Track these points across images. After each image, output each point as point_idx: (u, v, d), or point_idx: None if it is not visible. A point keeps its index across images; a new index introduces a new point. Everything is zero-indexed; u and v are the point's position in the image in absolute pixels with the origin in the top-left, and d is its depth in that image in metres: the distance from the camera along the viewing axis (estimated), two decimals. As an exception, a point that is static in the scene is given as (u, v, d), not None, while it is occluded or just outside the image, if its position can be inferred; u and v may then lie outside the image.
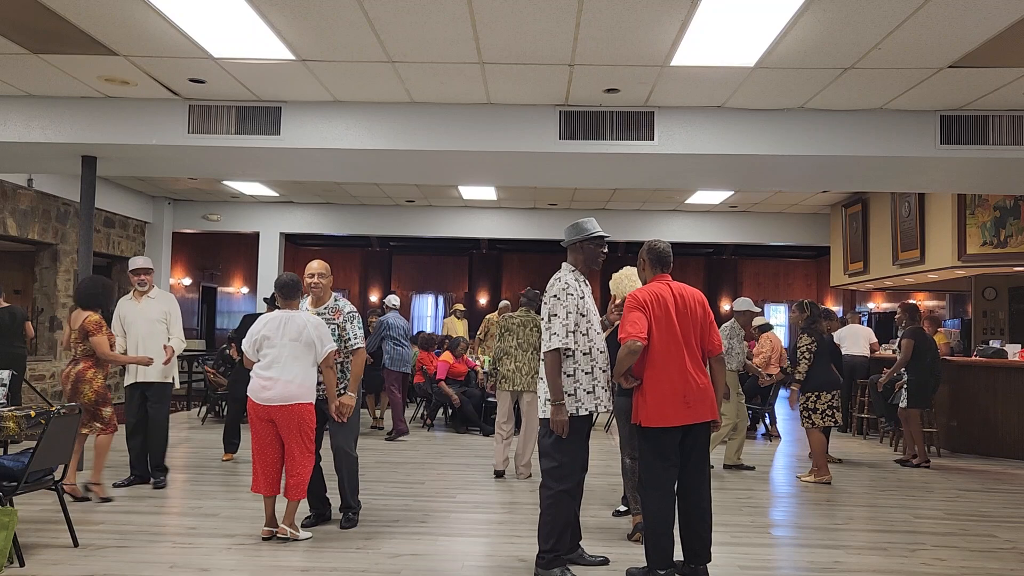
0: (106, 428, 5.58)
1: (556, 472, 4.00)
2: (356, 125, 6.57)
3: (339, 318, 4.98)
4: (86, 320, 5.46)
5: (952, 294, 14.26)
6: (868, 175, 7.17)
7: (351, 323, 4.98)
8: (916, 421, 7.76)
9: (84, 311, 5.54)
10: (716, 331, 4.13)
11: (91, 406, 5.48)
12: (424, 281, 18.97)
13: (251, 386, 4.68)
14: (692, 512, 3.99)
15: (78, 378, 5.47)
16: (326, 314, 4.98)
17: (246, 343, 4.76)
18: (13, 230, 9.39)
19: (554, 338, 3.97)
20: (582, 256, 4.21)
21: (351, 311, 5.03)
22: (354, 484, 5.10)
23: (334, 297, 5.09)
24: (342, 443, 5.00)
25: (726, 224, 12.81)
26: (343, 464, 5.02)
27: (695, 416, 3.93)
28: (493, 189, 11.18)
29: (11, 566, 4.07)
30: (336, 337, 4.92)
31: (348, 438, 5.03)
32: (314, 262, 5.08)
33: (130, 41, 5.28)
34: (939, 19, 4.62)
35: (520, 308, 6.89)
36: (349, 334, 4.95)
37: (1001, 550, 4.89)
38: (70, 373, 5.50)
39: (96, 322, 5.46)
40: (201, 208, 12.98)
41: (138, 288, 6.07)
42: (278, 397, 4.58)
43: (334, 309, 5.00)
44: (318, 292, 5.04)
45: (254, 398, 4.65)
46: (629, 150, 6.48)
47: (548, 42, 5.12)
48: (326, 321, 4.94)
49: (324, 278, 5.02)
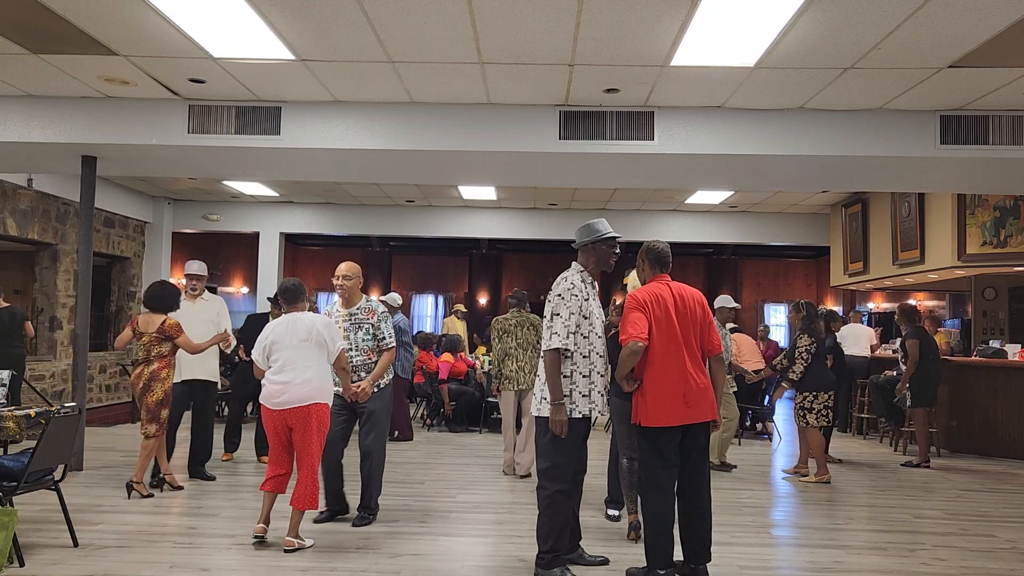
0: (160, 429, 5.80)
1: (551, 472, 4.01)
2: (356, 125, 6.57)
3: (373, 318, 5.08)
4: (166, 323, 5.75)
5: (952, 294, 14.26)
6: (868, 175, 7.17)
7: (385, 323, 5.11)
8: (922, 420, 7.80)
9: (155, 314, 5.81)
10: (715, 331, 4.15)
11: (155, 405, 5.72)
12: (424, 281, 18.96)
13: (264, 393, 4.60)
14: (692, 512, 4.00)
15: (152, 377, 5.72)
16: (359, 314, 5.09)
17: (256, 352, 4.69)
18: (13, 230, 9.39)
19: (555, 337, 3.97)
20: (594, 257, 4.21)
21: (384, 312, 5.16)
22: (378, 485, 5.17)
23: (365, 298, 5.19)
24: (373, 446, 5.07)
25: (726, 224, 12.81)
26: (373, 466, 5.08)
27: (695, 416, 3.94)
28: (493, 189, 11.18)
29: (11, 566, 4.07)
30: (370, 336, 5.04)
31: (379, 440, 5.10)
32: (342, 264, 5.19)
33: (130, 41, 5.28)
34: (939, 19, 4.62)
35: (511, 310, 7.02)
36: (384, 333, 5.07)
37: (1001, 550, 4.89)
38: (143, 372, 5.75)
39: (176, 324, 5.78)
40: (201, 208, 12.98)
41: (190, 292, 6.47)
42: (294, 399, 4.51)
43: (368, 309, 5.12)
44: (345, 293, 5.13)
45: (269, 405, 4.56)
46: (629, 150, 6.48)
47: (548, 42, 5.12)
48: (360, 321, 5.07)
49: (350, 279, 5.11)
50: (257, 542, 4.56)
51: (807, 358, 6.79)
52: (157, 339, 5.74)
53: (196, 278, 6.55)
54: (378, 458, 5.10)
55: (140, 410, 5.78)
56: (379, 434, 5.10)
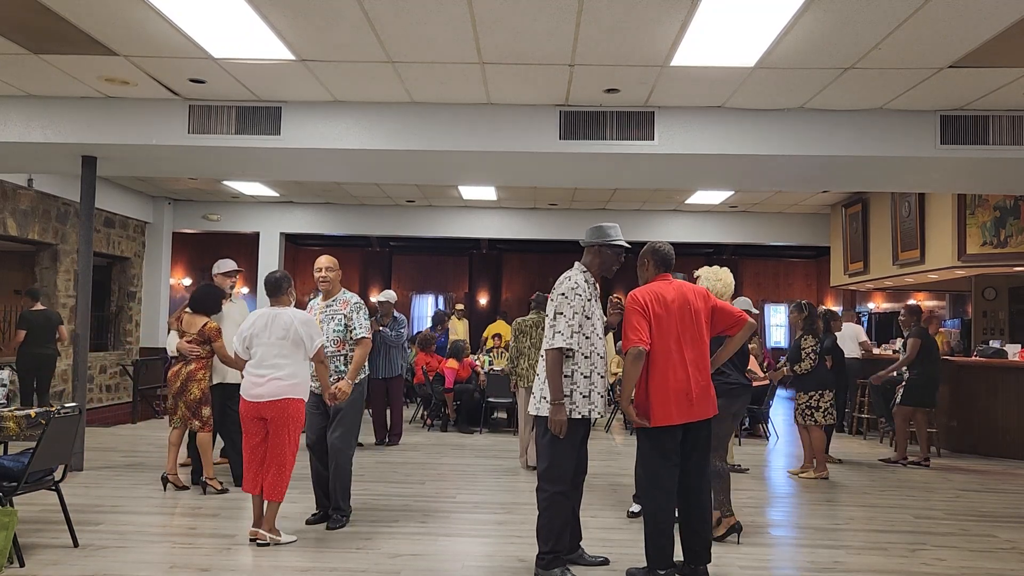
0: (204, 427, 5.89)
1: (549, 473, 4.01)
2: (356, 125, 6.57)
3: (346, 308, 5.07)
4: (207, 327, 5.86)
5: (952, 294, 14.26)
6: (868, 175, 7.17)
7: (357, 313, 5.05)
8: (921, 421, 7.87)
9: (198, 315, 5.90)
10: (727, 310, 4.14)
11: (194, 404, 5.84)
12: (424, 281, 18.96)
13: (243, 384, 4.69)
14: (692, 512, 4.00)
15: (189, 377, 5.83)
16: (334, 305, 5.10)
17: (237, 341, 4.76)
18: (13, 230, 9.39)
19: (558, 336, 3.96)
20: (598, 260, 4.21)
21: (357, 302, 5.12)
22: (345, 485, 5.03)
23: (343, 291, 5.21)
24: (339, 442, 4.97)
25: (726, 224, 12.80)
26: (337, 463, 4.97)
27: (697, 413, 3.95)
28: (493, 189, 11.18)
29: (11, 566, 4.07)
30: (342, 327, 5.02)
31: (346, 437, 5.02)
32: (322, 257, 5.19)
33: (130, 41, 5.28)
34: (939, 19, 4.61)
35: (531, 312, 7.40)
36: (355, 323, 5.03)
37: (1001, 550, 4.89)
38: (180, 371, 5.86)
39: (216, 329, 5.87)
40: (201, 208, 12.98)
41: (228, 291, 6.38)
42: (268, 393, 4.57)
43: (342, 301, 5.12)
44: (326, 287, 5.15)
45: (246, 396, 4.64)
46: (629, 150, 6.48)
47: (548, 42, 5.11)
48: (333, 313, 5.06)
49: (331, 271, 5.16)
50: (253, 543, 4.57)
51: (815, 357, 6.93)
52: (197, 341, 5.84)
53: (234, 274, 6.45)
54: (344, 457, 4.99)
55: (176, 407, 5.87)
56: (345, 432, 5.00)
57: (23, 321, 8.90)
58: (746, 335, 4.24)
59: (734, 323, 4.15)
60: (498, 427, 9.89)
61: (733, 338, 4.24)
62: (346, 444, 5.01)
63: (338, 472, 4.99)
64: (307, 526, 5.03)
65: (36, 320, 8.91)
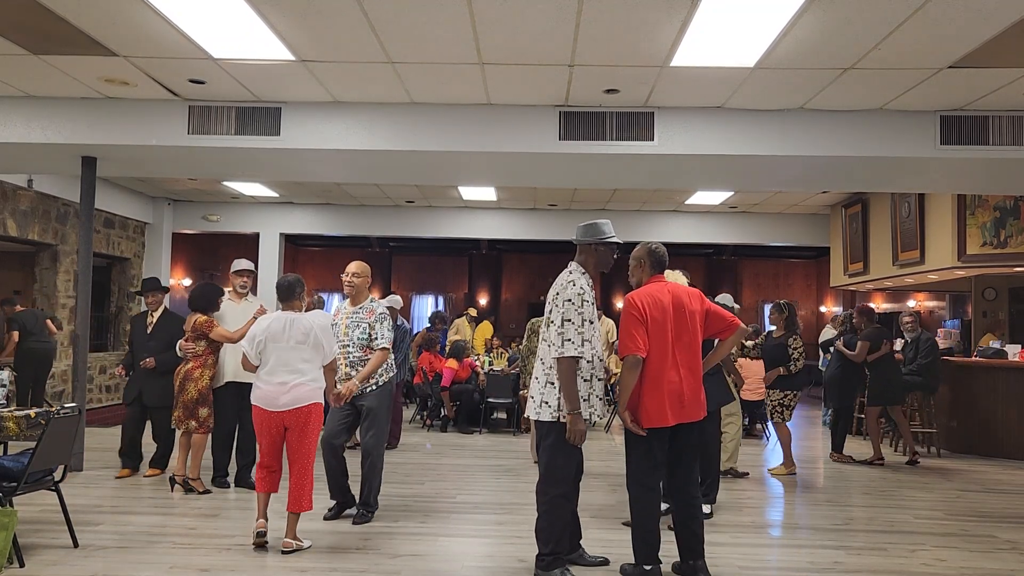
0: (200, 427, 5.88)
1: (551, 476, 4.03)
2: (356, 125, 6.57)
3: (371, 318, 5.17)
4: (197, 321, 5.89)
5: (952, 294, 14.24)
6: (868, 175, 7.17)
7: (380, 324, 5.17)
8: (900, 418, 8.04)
9: (194, 313, 5.94)
10: (720, 314, 4.18)
11: (191, 404, 5.84)
12: (424, 281, 18.96)
13: (259, 395, 4.53)
14: (684, 510, 4.11)
15: (186, 376, 5.86)
16: (360, 313, 5.19)
17: (247, 345, 4.62)
18: (13, 231, 9.39)
19: (568, 345, 3.93)
20: (593, 258, 4.21)
21: (382, 312, 5.23)
22: (378, 484, 5.24)
23: (371, 298, 5.30)
24: (372, 445, 5.14)
25: (726, 224, 12.80)
26: (373, 464, 5.15)
27: (688, 415, 4.03)
28: (493, 189, 11.18)
29: (11, 566, 4.07)
30: (366, 336, 5.13)
31: (379, 436, 5.17)
32: (353, 263, 5.34)
33: (130, 42, 5.28)
34: (939, 19, 4.61)
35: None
36: (376, 333, 5.13)
37: (1001, 550, 4.89)
38: (180, 371, 5.91)
39: (207, 321, 5.90)
40: (201, 208, 12.97)
41: (239, 290, 6.31)
42: (292, 401, 4.48)
43: (368, 309, 5.23)
44: (351, 291, 5.27)
45: (267, 407, 4.49)
46: (629, 150, 6.48)
47: (548, 42, 5.12)
48: (359, 321, 5.17)
49: (358, 277, 5.26)
50: (259, 539, 4.52)
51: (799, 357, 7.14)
52: (191, 338, 5.87)
53: (247, 273, 6.35)
54: (377, 455, 5.17)
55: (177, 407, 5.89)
56: (378, 432, 5.17)
57: (13, 323, 9.06)
58: (737, 340, 4.33)
59: (726, 327, 4.19)
60: (498, 427, 9.89)
61: (724, 342, 4.30)
62: (378, 443, 5.18)
63: (372, 471, 5.18)
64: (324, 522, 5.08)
65: (25, 318, 9.11)
